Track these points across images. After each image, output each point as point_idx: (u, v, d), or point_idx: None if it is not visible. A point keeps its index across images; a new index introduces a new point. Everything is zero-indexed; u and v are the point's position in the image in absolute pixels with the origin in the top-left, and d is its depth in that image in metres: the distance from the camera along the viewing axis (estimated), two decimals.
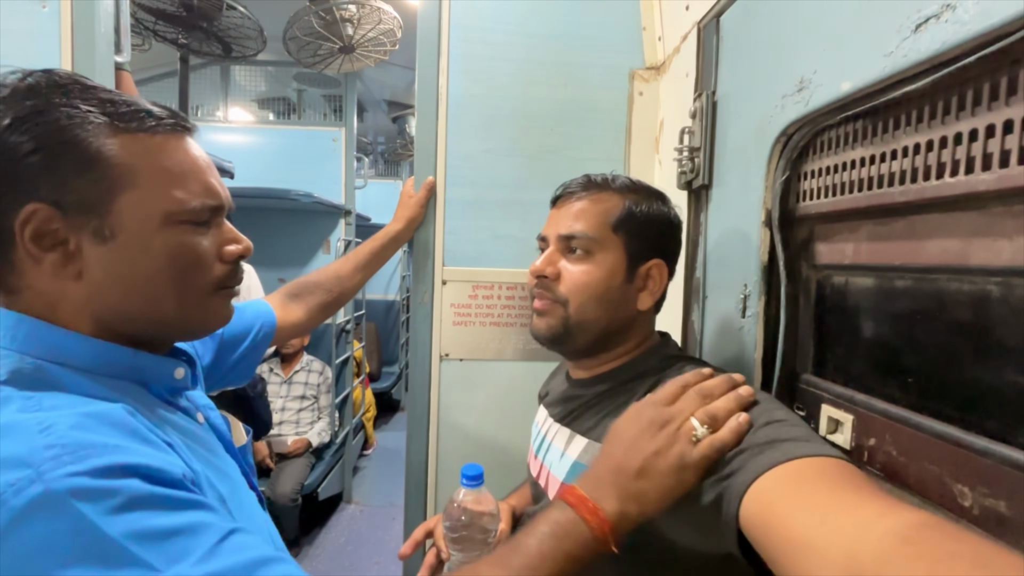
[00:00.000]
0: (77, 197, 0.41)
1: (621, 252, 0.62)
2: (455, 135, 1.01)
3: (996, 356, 0.40)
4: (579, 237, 0.62)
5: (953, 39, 0.38)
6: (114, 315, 0.45)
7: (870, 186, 0.49)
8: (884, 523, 0.30)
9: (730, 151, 0.72)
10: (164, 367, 0.49)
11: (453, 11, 0.99)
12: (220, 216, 0.50)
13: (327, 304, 0.94)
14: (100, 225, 0.42)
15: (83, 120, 0.41)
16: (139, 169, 0.43)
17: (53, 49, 0.89)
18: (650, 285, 0.63)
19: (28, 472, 0.32)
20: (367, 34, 2.04)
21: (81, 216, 0.41)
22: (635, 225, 0.62)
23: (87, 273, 0.43)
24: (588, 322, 0.62)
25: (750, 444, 0.43)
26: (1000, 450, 0.37)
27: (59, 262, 0.42)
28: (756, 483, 0.40)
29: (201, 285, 0.48)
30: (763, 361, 0.63)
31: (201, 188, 0.47)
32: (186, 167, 0.46)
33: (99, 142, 0.41)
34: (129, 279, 0.44)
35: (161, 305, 0.46)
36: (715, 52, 0.76)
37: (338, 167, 2.90)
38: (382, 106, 4.34)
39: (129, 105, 0.44)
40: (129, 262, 0.43)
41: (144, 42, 2.02)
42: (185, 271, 0.46)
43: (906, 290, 0.48)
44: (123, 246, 0.43)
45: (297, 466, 2.45)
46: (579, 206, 0.63)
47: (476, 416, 1.03)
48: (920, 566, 0.27)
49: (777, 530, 0.36)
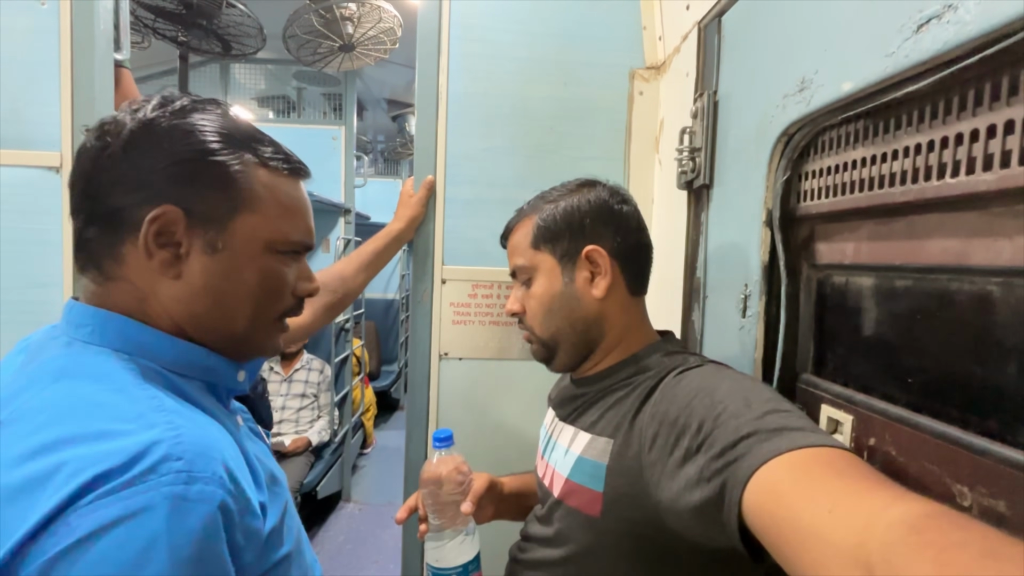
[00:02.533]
0: (205, 208, 0.45)
1: (551, 260, 0.66)
2: (455, 134, 1.01)
3: (996, 356, 0.40)
4: (518, 270, 0.69)
5: (954, 39, 0.38)
6: (192, 321, 0.47)
7: (871, 186, 0.49)
8: (892, 512, 0.30)
9: (731, 151, 0.72)
10: (232, 370, 0.52)
11: (453, 10, 0.99)
12: (304, 254, 0.55)
13: (332, 305, 0.94)
14: (215, 237, 0.46)
15: (227, 144, 0.46)
16: (262, 198, 0.48)
17: (52, 46, 0.88)
18: (596, 270, 0.64)
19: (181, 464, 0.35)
20: (367, 32, 2.04)
21: (202, 225, 0.45)
22: (549, 232, 0.66)
23: (187, 276, 0.46)
24: (554, 336, 0.66)
25: (758, 429, 0.42)
26: (1000, 450, 0.37)
27: (167, 261, 0.45)
28: (761, 470, 0.39)
29: (274, 311, 0.51)
30: (763, 361, 0.63)
31: (304, 227, 0.52)
32: (296, 206, 0.51)
33: (238, 167, 0.47)
34: (220, 291, 0.47)
35: (237, 320, 0.49)
36: (716, 52, 0.76)
37: (338, 165, 2.90)
38: (382, 104, 4.33)
39: (265, 139, 0.50)
40: (226, 275, 0.47)
41: (144, 40, 2.02)
42: (268, 294, 0.50)
43: (906, 290, 0.48)
44: (227, 260, 0.47)
45: (296, 464, 2.45)
46: (512, 243, 0.71)
47: (475, 415, 1.03)
48: (927, 555, 0.27)
49: (785, 519, 0.36)
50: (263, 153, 0.48)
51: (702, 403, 0.49)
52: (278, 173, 0.50)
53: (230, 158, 0.46)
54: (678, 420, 0.50)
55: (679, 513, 0.48)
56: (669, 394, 0.54)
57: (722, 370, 0.55)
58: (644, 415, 0.55)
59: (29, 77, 0.89)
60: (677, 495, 0.47)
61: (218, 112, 0.48)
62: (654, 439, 0.52)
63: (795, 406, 0.48)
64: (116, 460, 0.33)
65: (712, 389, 0.50)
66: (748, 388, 0.49)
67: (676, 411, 0.51)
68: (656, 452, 0.52)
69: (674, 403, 0.52)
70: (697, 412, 0.48)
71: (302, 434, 2.59)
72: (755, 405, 0.45)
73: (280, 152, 0.50)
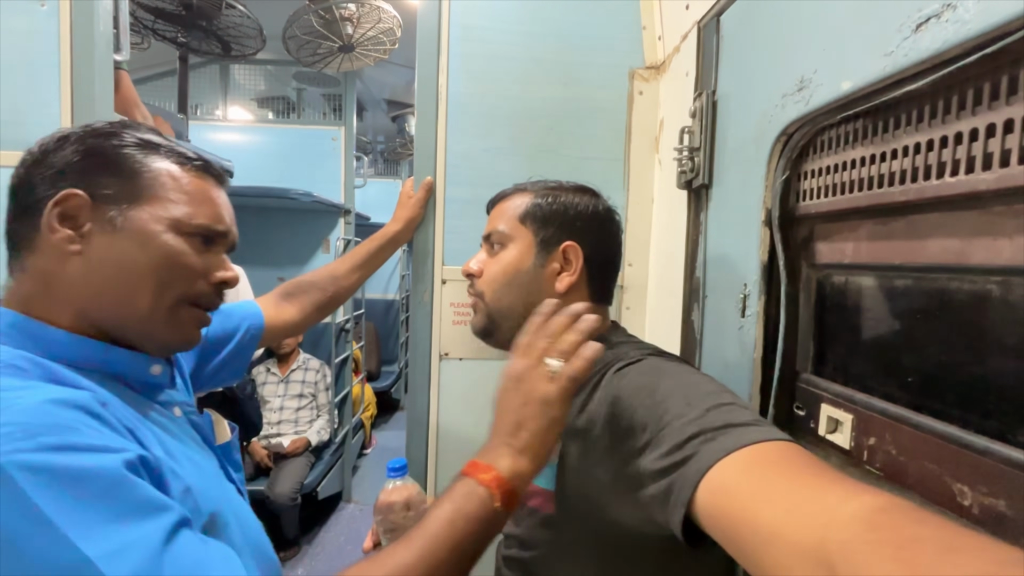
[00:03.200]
0: (110, 192, 0.49)
1: (530, 239, 0.66)
2: (455, 134, 1.01)
3: (996, 355, 0.40)
4: (495, 233, 0.68)
5: (954, 38, 0.38)
6: (92, 302, 0.49)
7: (870, 185, 0.49)
8: (848, 509, 0.30)
9: (730, 150, 0.72)
10: (138, 362, 0.53)
11: (453, 10, 0.99)
12: (221, 245, 0.56)
13: (322, 303, 0.94)
14: (116, 216, 0.49)
15: (134, 145, 0.51)
16: (167, 187, 0.51)
17: (52, 48, 0.88)
18: (566, 267, 0.65)
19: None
20: (367, 33, 2.04)
21: (105, 205, 0.49)
22: (542, 215, 0.66)
23: (85, 253, 0.48)
24: (504, 308, 0.66)
25: (703, 428, 0.43)
26: (1000, 449, 0.37)
27: (67, 239, 0.48)
28: (711, 472, 0.39)
29: (176, 291, 0.52)
30: (763, 361, 0.63)
31: (211, 213, 0.54)
32: (203, 196, 0.54)
33: (141, 161, 0.51)
34: (120, 266, 0.49)
35: (138, 299, 0.50)
36: (715, 51, 0.76)
37: (337, 166, 2.90)
38: (382, 105, 4.33)
39: (173, 145, 0.54)
40: (124, 251, 0.49)
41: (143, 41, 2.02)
42: (169, 272, 0.51)
43: (906, 289, 0.48)
44: (126, 236, 0.49)
45: (296, 465, 2.45)
46: (499, 209, 0.70)
47: (476, 415, 1.03)
48: (886, 552, 0.27)
49: (742, 521, 0.36)
50: (173, 154, 0.53)
51: (643, 403, 0.49)
52: (186, 169, 0.53)
53: (134, 153, 0.50)
54: (620, 420, 0.51)
55: (626, 508, 0.49)
56: (610, 393, 0.54)
57: (661, 364, 0.55)
58: (586, 414, 0.56)
59: (29, 78, 0.89)
60: (623, 493, 0.48)
61: (130, 126, 0.53)
62: (597, 439, 0.53)
63: (735, 396, 0.48)
64: None
65: (652, 388, 0.50)
66: (688, 384, 0.49)
67: (618, 411, 0.51)
68: (600, 452, 0.53)
69: (616, 403, 0.52)
70: (639, 412, 0.49)
71: (301, 434, 2.59)
72: (695, 402, 0.46)
73: (188, 155, 0.54)
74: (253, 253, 2.53)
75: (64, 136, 0.50)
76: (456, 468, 0.49)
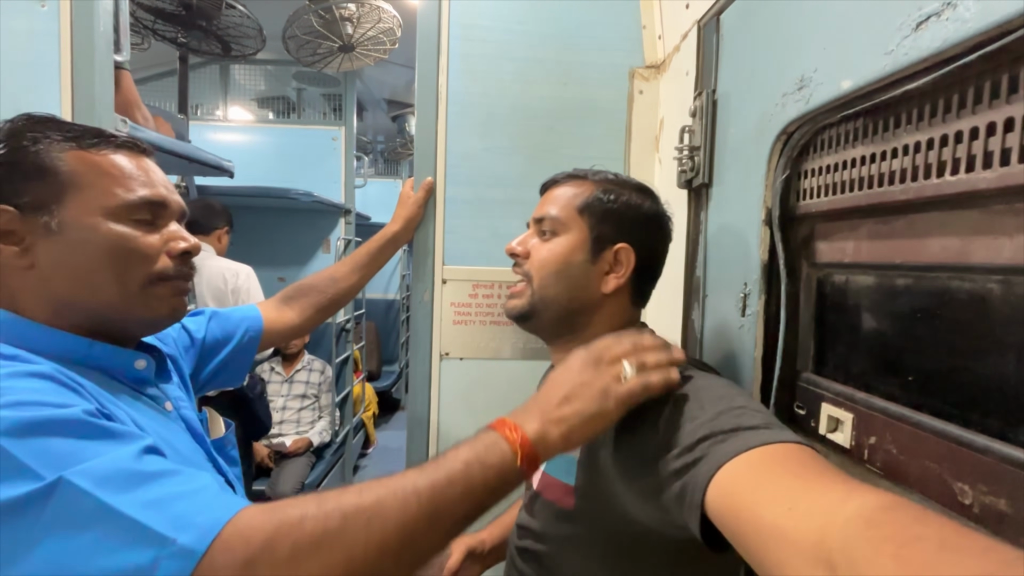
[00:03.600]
0: (31, 199, 0.48)
1: (585, 233, 0.64)
2: (455, 134, 1.01)
3: (996, 354, 0.40)
4: (548, 219, 0.66)
5: (954, 37, 0.38)
6: (64, 304, 0.50)
7: (871, 184, 0.49)
8: (849, 507, 0.31)
9: (730, 149, 0.72)
10: (122, 357, 0.54)
11: (453, 10, 0.99)
12: (165, 217, 0.55)
13: (322, 306, 0.95)
14: (49, 220, 0.49)
15: (42, 139, 0.50)
16: (85, 175, 0.50)
17: (52, 48, 0.88)
18: (616, 269, 0.64)
19: None
20: (367, 33, 2.04)
21: (35, 214, 0.48)
22: (601, 209, 0.64)
23: (38, 264, 0.49)
24: (549, 297, 0.65)
25: (714, 430, 0.44)
26: (1000, 448, 0.37)
27: (15, 255, 0.48)
28: (720, 472, 0.40)
29: (139, 274, 0.52)
30: (763, 360, 0.63)
31: (140, 186, 0.52)
32: (129, 173, 0.52)
33: (53, 156, 0.49)
34: (72, 268, 0.50)
35: (102, 293, 0.51)
36: (715, 50, 0.76)
37: (338, 166, 2.90)
38: (382, 105, 4.33)
39: (87, 130, 0.52)
40: (72, 252, 0.49)
41: (143, 41, 2.02)
42: (124, 261, 0.51)
43: (906, 288, 0.48)
44: (67, 238, 0.49)
45: (297, 465, 2.45)
46: (555, 193, 0.68)
47: (476, 415, 1.03)
48: (887, 550, 0.27)
49: (747, 520, 0.36)
50: (80, 138, 0.51)
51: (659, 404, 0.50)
52: (97, 150, 0.52)
53: (44, 149, 0.49)
54: (640, 421, 0.51)
55: (646, 508, 0.50)
56: None
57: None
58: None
59: (29, 79, 0.89)
60: (641, 492, 0.49)
61: (36, 120, 0.51)
62: (618, 439, 0.54)
63: (749, 399, 0.49)
64: None
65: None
66: (701, 388, 0.51)
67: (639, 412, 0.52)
68: (623, 451, 0.53)
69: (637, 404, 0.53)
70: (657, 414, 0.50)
71: (303, 435, 2.59)
72: (708, 405, 0.47)
73: (102, 135, 0.53)
74: (254, 253, 2.53)
75: None
76: None
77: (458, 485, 0.42)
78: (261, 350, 0.88)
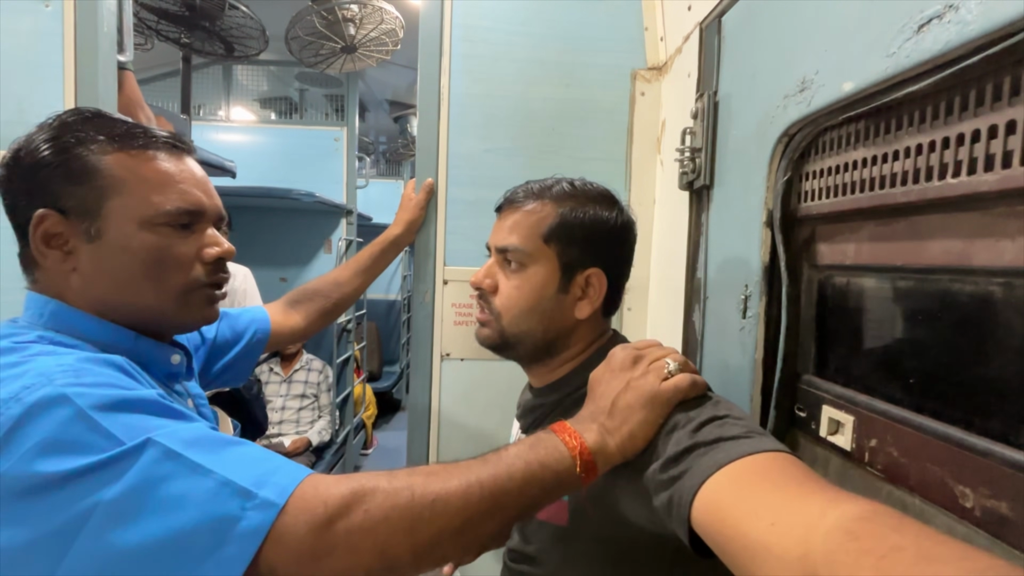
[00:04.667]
0: (76, 203, 0.50)
1: (554, 263, 0.62)
2: (457, 135, 1.01)
3: (998, 357, 0.39)
4: (512, 250, 0.63)
5: (956, 39, 0.38)
6: (104, 305, 0.52)
7: (872, 187, 0.49)
8: (828, 519, 0.31)
9: (732, 151, 0.72)
10: (162, 352, 0.56)
11: (455, 11, 0.99)
12: (203, 222, 0.56)
13: (327, 310, 0.96)
14: (90, 226, 0.50)
15: (87, 139, 0.50)
16: (125, 180, 0.51)
17: (56, 49, 0.89)
18: (589, 293, 0.63)
19: (42, 379, 0.40)
20: (369, 34, 2.04)
21: (78, 219, 0.50)
22: (567, 235, 0.62)
23: (80, 268, 0.50)
24: (522, 333, 0.63)
25: (696, 441, 0.44)
26: (1002, 451, 0.37)
27: (59, 258, 0.50)
28: (703, 488, 0.40)
29: (177, 283, 0.54)
30: (764, 362, 0.63)
31: (179, 195, 0.53)
32: (167, 178, 0.53)
33: (96, 158, 0.50)
34: (112, 274, 0.51)
35: (141, 298, 0.53)
36: (717, 52, 0.76)
37: (340, 167, 2.90)
38: (384, 106, 4.34)
39: (130, 128, 0.53)
40: (110, 259, 0.51)
41: (147, 41, 2.03)
42: (161, 269, 0.52)
43: (908, 291, 0.48)
44: (106, 245, 0.50)
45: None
46: (514, 218, 0.64)
47: (477, 416, 1.03)
48: (867, 563, 0.27)
49: (732, 536, 0.37)
50: (122, 138, 0.52)
51: None
52: (139, 153, 0.52)
53: (88, 151, 0.50)
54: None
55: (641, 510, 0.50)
56: None
57: None
58: None
59: (33, 79, 0.90)
60: (636, 494, 0.49)
61: (82, 116, 0.52)
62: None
63: (730, 406, 0.49)
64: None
65: None
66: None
67: None
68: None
69: None
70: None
71: (303, 434, 2.59)
72: (693, 415, 0.47)
73: (145, 135, 0.53)
74: (255, 253, 2.54)
75: (18, 148, 0.51)
76: None
77: (517, 481, 0.43)
78: (266, 352, 0.88)
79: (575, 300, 0.63)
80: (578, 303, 0.63)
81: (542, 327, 0.63)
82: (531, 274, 0.62)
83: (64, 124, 0.51)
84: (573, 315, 0.63)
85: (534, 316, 0.62)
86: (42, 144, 0.50)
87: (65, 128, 0.51)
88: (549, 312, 0.62)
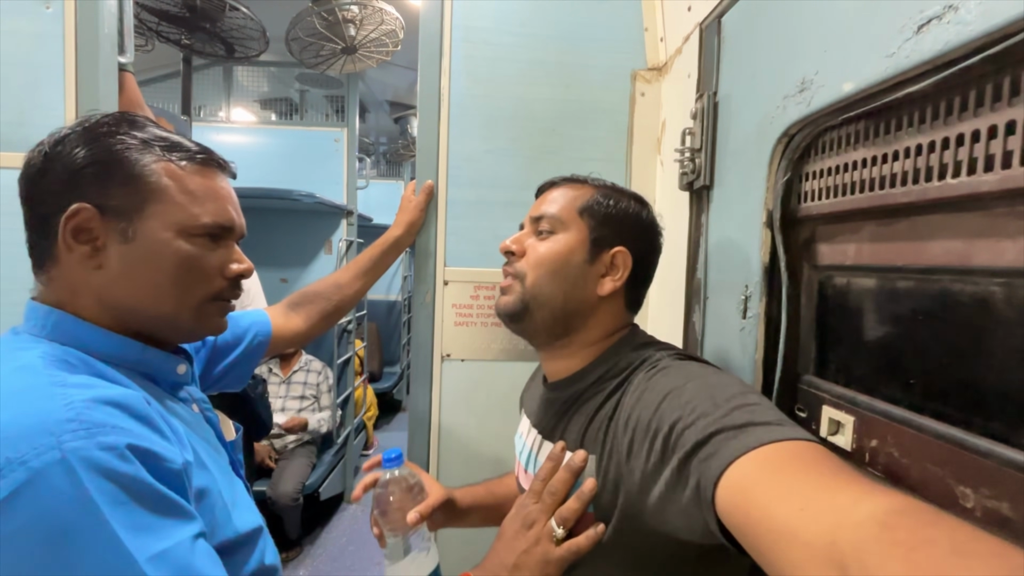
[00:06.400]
0: (116, 203, 0.50)
1: (584, 233, 0.64)
2: (457, 136, 1.01)
3: (999, 357, 0.39)
4: (547, 217, 0.66)
5: (956, 40, 0.38)
6: (121, 307, 0.52)
7: (872, 187, 0.49)
8: (862, 509, 0.30)
9: (731, 152, 0.72)
10: (169, 363, 0.56)
11: (455, 12, 1.00)
12: (230, 238, 0.58)
13: (328, 313, 0.95)
14: (127, 227, 0.50)
15: (135, 145, 0.51)
16: (169, 189, 0.52)
17: (57, 50, 0.89)
18: (613, 272, 0.64)
19: (51, 439, 0.37)
20: (369, 35, 2.05)
21: (115, 218, 0.50)
22: (601, 212, 0.65)
23: (106, 266, 0.50)
24: (544, 297, 0.63)
25: (725, 425, 0.43)
26: (1003, 452, 0.37)
27: (87, 254, 0.50)
28: (730, 469, 0.39)
29: (199, 292, 0.54)
30: (764, 362, 0.63)
31: (215, 210, 0.55)
32: (207, 192, 0.55)
33: (143, 164, 0.51)
34: (138, 275, 0.51)
35: (161, 303, 0.53)
36: (717, 53, 0.76)
37: (340, 167, 2.90)
38: (384, 107, 4.34)
39: (173, 140, 0.54)
40: (142, 261, 0.51)
41: (147, 43, 2.03)
42: (187, 277, 0.53)
43: (908, 291, 0.48)
44: (141, 247, 0.51)
45: (298, 466, 2.45)
46: (554, 194, 0.68)
47: (477, 416, 1.03)
48: (898, 554, 0.27)
49: (758, 520, 0.36)
50: (169, 151, 0.53)
51: (671, 405, 0.49)
52: (185, 167, 0.53)
53: (135, 156, 0.51)
54: (650, 425, 0.50)
55: (665, 515, 0.48)
56: (640, 399, 0.54)
57: (688, 367, 0.55)
58: (618, 422, 0.56)
59: (33, 80, 0.90)
60: (659, 498, 0.48)
61: (128, 121, 0.53)
62: (630, 447, 0.53)
63: (762, 397, 0.48)
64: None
65: (680, 390, 0.50)
66: (714, 385, 0.49)
67: (647, 416, 0.51)
68: (634, 459, 0.52)
69: (646, 408, 0.52)
70: (667, 416, 0.49)
71: (302, 438, 2.59)
72: (721, 402, 0.46)
73: (189, 148, 0.55)
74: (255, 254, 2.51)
75: (61, 139, 0.50)
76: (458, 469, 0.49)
77: None
78: (267, 355, 0.88)
79: (599, 275, 0.64)
80: (601, 279, 0.64)
81: (563, 293, 0.63)
82: (561, 239, 0.64)
83: (112, 126, 0.52)
84: (595, 291, 0.64)
85: (557, 279, 0.63)
86: (87, 143, 0.50)
87: (112, 130, 0.51)
88: (572, 279, 0.63)
